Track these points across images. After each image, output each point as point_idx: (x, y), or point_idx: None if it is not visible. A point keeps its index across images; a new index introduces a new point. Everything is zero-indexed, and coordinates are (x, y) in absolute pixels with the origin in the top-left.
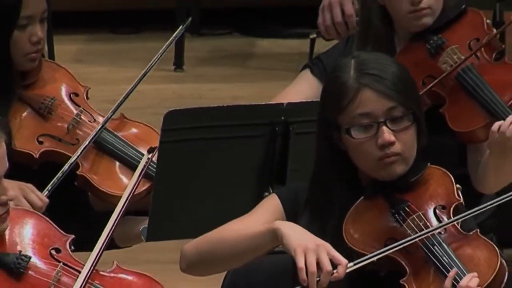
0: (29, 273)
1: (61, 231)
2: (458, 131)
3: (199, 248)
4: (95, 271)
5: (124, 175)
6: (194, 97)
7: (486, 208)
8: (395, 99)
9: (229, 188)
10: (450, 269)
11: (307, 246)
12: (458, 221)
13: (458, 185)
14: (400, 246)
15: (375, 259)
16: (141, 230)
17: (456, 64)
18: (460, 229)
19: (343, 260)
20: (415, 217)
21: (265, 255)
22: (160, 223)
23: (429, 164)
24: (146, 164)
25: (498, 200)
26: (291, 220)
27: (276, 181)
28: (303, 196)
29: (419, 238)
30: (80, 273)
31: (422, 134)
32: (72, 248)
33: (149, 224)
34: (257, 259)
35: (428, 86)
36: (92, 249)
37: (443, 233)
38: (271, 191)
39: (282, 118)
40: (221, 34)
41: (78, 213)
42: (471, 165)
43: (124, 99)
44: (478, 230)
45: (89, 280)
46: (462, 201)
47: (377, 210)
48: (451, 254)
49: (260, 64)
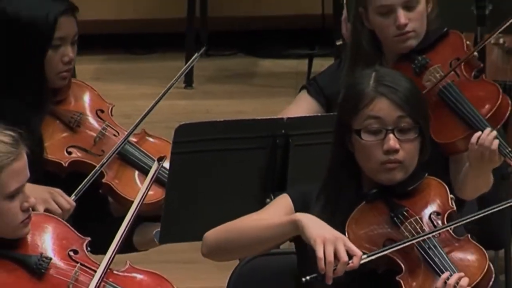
0: (50, 273)
1: (78, 234)
2: (441, 142)
3: (221, 236)
4: (109, 270)
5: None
6: (202, 112)
7: (478, 216)
8: (406, 110)
9: (234, 195)
10: (442, 268)
11: (326, 237)
12: (452, 226)
13: (451, 195)
14: (401, 246)
15: (381, 256)
16: (154, 233)
17: (437, 80)
18: (453, 234)
19: (358, 251)
20: (412, 221)
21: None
22: (171, 227)
23: (426, 175)
24: (156, 171)
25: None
26: None
27: (277, 188)
28: (311, 197)
29: (417, 240)
30: (96, 272)
31: (425, 148)
32: (88, 249)
33: (161, 228)
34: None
35: None
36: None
37: (437, 236)
38: (272, 198)
39: (283, 131)
40: (227, 55)
41: (98, 218)
42: (452, 174)
43: (145, 116)
44: (469, 235)
45: (104, 279)
46: (455, 209)
47: (378, 213)
48: (444, 255)
49: (262, 82)
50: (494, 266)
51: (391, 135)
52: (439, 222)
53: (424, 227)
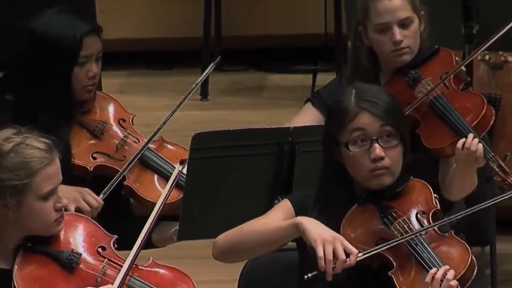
0: (80, 267)
1: (106, 232)
2: (430, 148)
3: (230, 239)
4: (134, 265)
5: (162, 186)
6: (216, 122)
7: (461, 216)
8: (386, 121)
9: (245, 196)
10: (429, 263)
11: (325, 238)
12: (438, 225)
13: (435, 195)
14: (393, 244)
15: (374, 253)
16: (172, 231)
17: (428, 91)
18: (438, 231)
19: (354, 250)
20: (400, 221)
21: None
22: (188, 226)
23: (411, 177)
24: (177, 174)
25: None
26: None
27: (284, 191)
28: (309, 201)
29: (406, 239)
30: (122, 267)
31: (407, 152)
32: (115, 246)
33: (179, 226)
34: (272, 254)
35: (406, 110)
36: (132, 247)
37: (424, 234)
38: (280, 199)
39: (289, 139)
40: (239, 70)
41: (122, 217)
42: (441, 176)
43: (163, 124)
44: (452, 231)
45: (129, 273)
46: (439, 207)
47: (369, 215)
48: (430, 251)
49: (271, 95)
50: (480, 261)
51: (376, 144)
52: (424, 221)
53: (411, 226)
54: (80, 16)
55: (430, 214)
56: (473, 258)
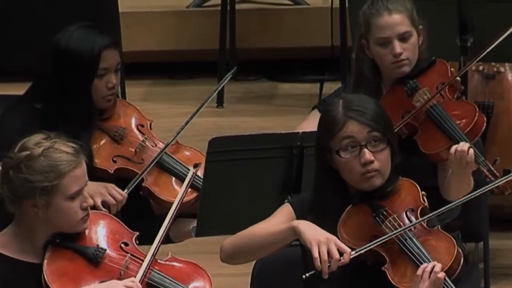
0: (105, 262)
1: (128, 229)
2: (427, 153)
3: (235, 244)
4: (154, 260)
5: (178, 187)
6: (231, 127)
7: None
8: (373, 128)
9: (258, 196)
10: (418, 257)
11: (320, 239)
12: (424, 220)
13: (423, 192)
14: (383, 240)
15: (367, 250)
16: (191, 228)
17: (425, 101)
18: (426, 226)
19: (347, 249)
20: (391, 219)
21: (286, 247)
22: (206, 223)
23: (400, 177)
24: (192, 176)
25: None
26: None
27: (293, 191)
28: (308, 204)
29: (395, 234)
30: (143, 261)
31: (394, 155)
32: (137, 242)
33: (197, 224)
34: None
35: (406, 118)
36: (152, 243)
37: (413, 229)
38: (289, 198)
39: (298, 143)
40: (252, 79)
41: (143, 216)
42: (440, 179)
43: (181, 130)
44: (439, 226)
45: (150, 267)
46: (427, 204)
47: (362, 214)
48: (419, 245)
49: (281, 102)
50: (474, 256)
51: (365, 150)
52: (413, 218)
53: (401, 223)
54: (100, 31)
55: (419, 211)
56: (459, 250)
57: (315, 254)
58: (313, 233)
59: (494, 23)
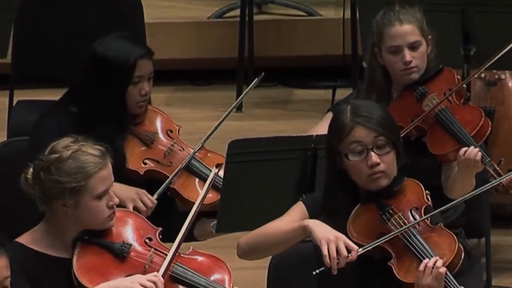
0: (130, 256)
1: (151, 224)
2: (435, 154)
3: (251, 241)
4: (177, 254)
5: (202, 188)
6: (249, 131)
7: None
8: (379, 132)
9: (274, 195)
10: (422, 253)
11: (329, 238)
12: (428, 217)
13: (427, 191)
14: (389, 238)
15: (374, 246)
16: (212, 225)
17: (434, 105)
18: (429, 223)
19: (355, 247)
20: (396, 217)
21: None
22: (225, 220)
23: (405, 177)
24: (214, 176)
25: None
26: None
27: (308, 190)
28: (320, 203)
29: (400, 231)
30: (166, 255)
31: (400, 157)
32: (160, 237)
33: (217, 221)
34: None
35: (415, 121)
36: (175, 239)
37: (417, 227)
38: (304, 196)
39: (312, 145)
40: (269, 86)
41: (167, 213)
42: (444, 178)
43: (210, 134)
44: (442, 223)
45: (173, 261)
46: (430, 203)
47: (370, 213)
48: (423, 242)
49: (296, 107)
50: (477, 251)
51: (372, 153)
52: (417, 216)
53: (406, 221)
54: (136, 41)
55: (422, 209)
56: (460, 246)
57: (325, 251)
58: (322, 232)
59: (495, 33)
